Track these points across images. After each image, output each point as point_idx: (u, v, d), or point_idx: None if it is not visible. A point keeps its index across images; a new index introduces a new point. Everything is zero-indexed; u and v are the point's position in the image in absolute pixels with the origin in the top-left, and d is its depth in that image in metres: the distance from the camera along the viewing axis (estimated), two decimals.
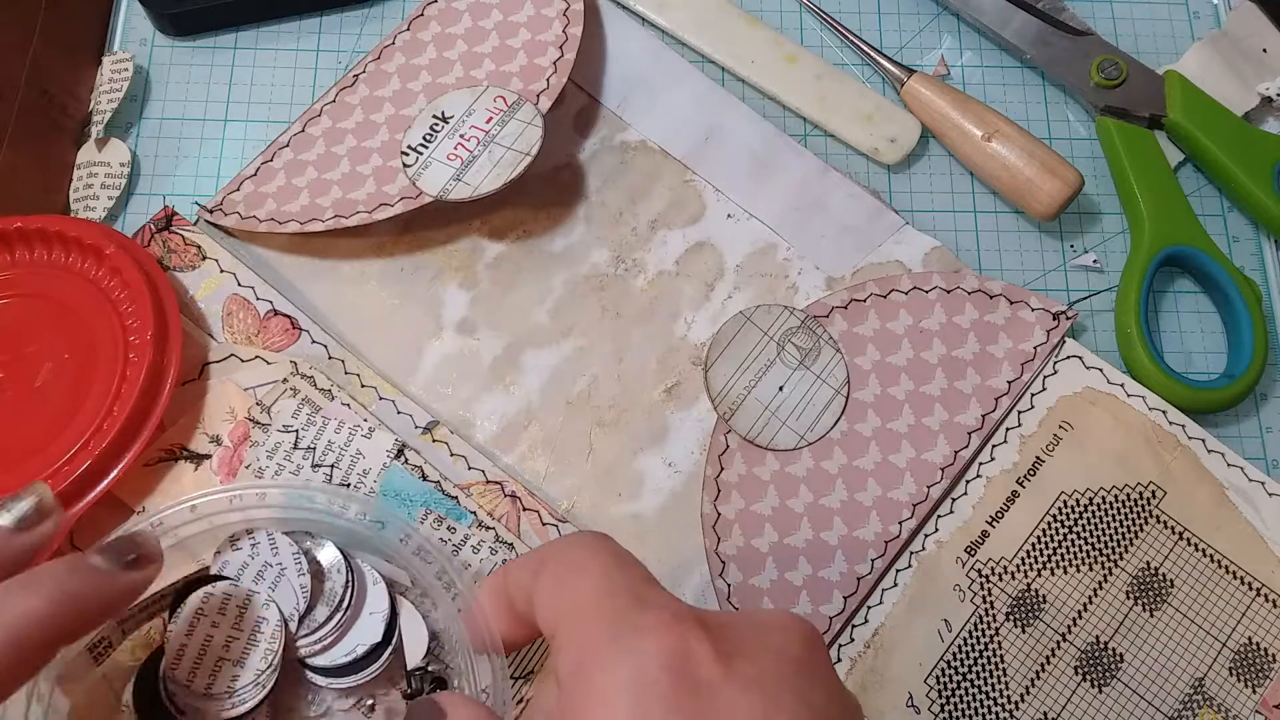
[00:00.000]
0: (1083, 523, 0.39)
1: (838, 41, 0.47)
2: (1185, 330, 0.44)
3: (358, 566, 0.34)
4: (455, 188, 0.40)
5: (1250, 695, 0.37)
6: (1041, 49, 0.46)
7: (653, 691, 0.22)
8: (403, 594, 0.35)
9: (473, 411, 0.40)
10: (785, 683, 0.23)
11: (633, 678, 0.22)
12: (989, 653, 0.38)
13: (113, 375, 0.36)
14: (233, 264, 0.40)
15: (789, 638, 0.24)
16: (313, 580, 0.33)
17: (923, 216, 0.44)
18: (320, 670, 0.33)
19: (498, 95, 0.42)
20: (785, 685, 0.23)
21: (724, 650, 0.23)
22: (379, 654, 0.34)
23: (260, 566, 0.33)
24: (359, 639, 0.33)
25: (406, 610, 0.34)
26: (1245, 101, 0.46)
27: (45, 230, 0.38)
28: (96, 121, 0.43)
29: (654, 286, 0.42)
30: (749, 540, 0.38)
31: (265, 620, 0.33)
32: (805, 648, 0.24)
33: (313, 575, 0.33)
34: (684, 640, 0.22)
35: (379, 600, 0.34)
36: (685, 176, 0.44)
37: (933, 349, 0.41)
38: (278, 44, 0.46)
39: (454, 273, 0.42)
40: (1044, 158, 0.42)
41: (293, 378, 0.38)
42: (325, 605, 0.33)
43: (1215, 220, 0.45)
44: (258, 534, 0.34)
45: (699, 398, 0.40)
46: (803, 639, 0.24)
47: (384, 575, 0.34)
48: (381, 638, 0.34)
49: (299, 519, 0.34)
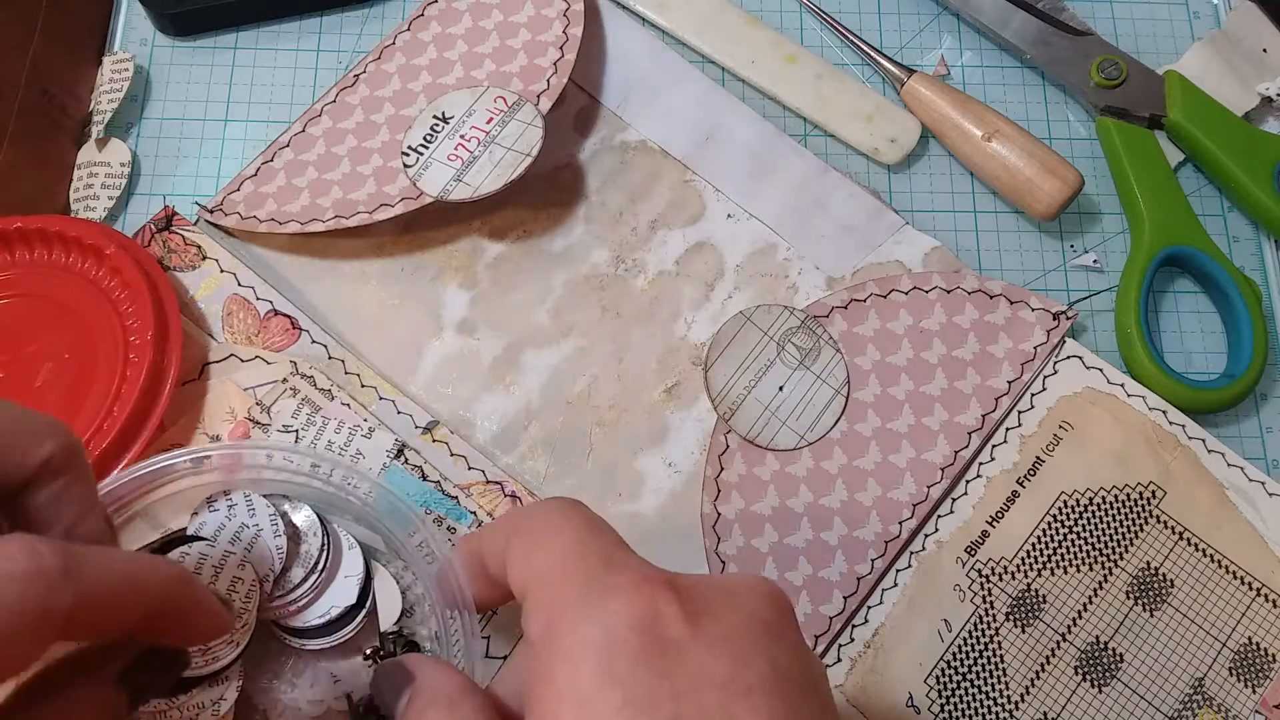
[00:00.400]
0: (1083, 523, 0.39)
1: (838, 41, 0.47)
2: (1185, 330, 0.44)
3: (334, 530, 0.35)
4: (456, 188, 0.40)
5: (1250, 695, 0.37)
6: (1041, 49, 0.46)
7: (621, 650, 0.22)
8: (377, 559, 0.35)
9: (473, 411, 0.40)
10: (753, 642, 0.23)
11: (601, 637, 0.22)
12: (989, 653, 0.38)
13: (113, 375, 0.36)
14: (233, 264, 0.40)
15: (757, 599, 0.24)
16: (289, 543, 0.34)
17: (923, 216, 0.44)
18: (294, 631, 0.34)
19: (498, 96, 0.42)
20: (753, 645, 0.23)
21: (692, 610, 0.23)
22: (353, 616, 0.34)
23: (237, 528, 0.34)
24: (334, 601, 0.34)
25: (381, 575, 0.35)
26: (1245, 101, 0.46)
27: (45, 230, 0.38)
28: (97, 121, 0.43)
29: (654, 286, 0.42)
30: (749, 540, 0.38)
31: (240, 580, 0.33)
32: (773, 609, 0.24)
33: (289, 538, 0.34)
34: (653, 601, 0.23)
35: (354, 564, 0.35)
36: (685, 176, 0.44)
37: (933, 349, 0.41)
38: (278, 44, 0.46)
39: (454, 273, 0.42)
40: (1044, 158, 0.42)
41: (293, 378, 0.38)
42: (301, 567, 0.34)
43: (1215, 220, 0.45)
44: (234, 495, 0.34)
45: (699, 398, 0.40)
46: (771, 601, 0.24)
47: (359, 540, 0.35)
48: (356, 600, 0.34)
49: (279, 481, 0.34)
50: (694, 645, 0.22)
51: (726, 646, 0.22)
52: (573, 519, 0.25)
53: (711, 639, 0.22)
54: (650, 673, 0.21)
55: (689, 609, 0.23)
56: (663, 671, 0.21)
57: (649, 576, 0.23)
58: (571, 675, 0.22)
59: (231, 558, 0.33)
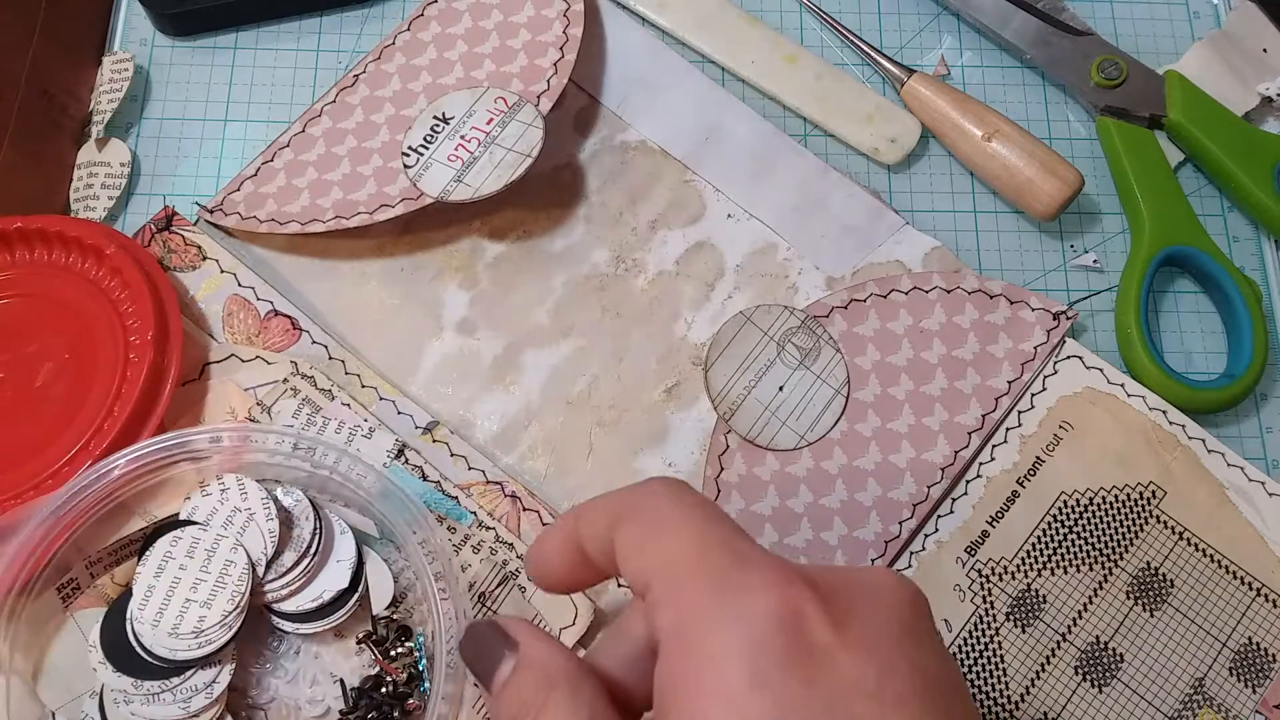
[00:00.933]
0: (1083, 523, 0.39)
1: (838, 41, 0.47)
2: (1185, 330, 0.44)
3: (326, 515, 0.35)
4: (456, 189, 0.40)
5: (1250, 695, 0.37)
6: (1041, 49, 0.46)
7: (767, 655, 0.21)
8: (369, 544, 0.36)
9: (473, 411, 0.40)
10: (898, 647, 0.22)
11: (745, 640, 0.21)
12: (989, 653, 0.38)
13: (113, 376, 0.36)
14: (233, 264, 0.40)
15: (897, 599, 0.23)
16: (281, 527, 0.34)
17: (923, 216, 0.44)
18: (287, 615, 0.34)
19: (498, 96, 0.42)
20: (898, 649, 0.22)
21: (835, 612, 0.22)
22: (345, 600, 0.35)
23: (230, 512, 0.34)
24: (326, 585, 0.34)
25: (373, 560, 0.35)
26: (1245, 101, 0.46)
27: (45, 230, 0.38)
28: (97, 121, 0.43)
29: (654, 286, 0.42)
30: None
31: (233, 564, 0.33)
32: (914, 611, 0.23)
33: (281, 522, 0.34)
34: (794, 601, 0.22)
35: (346, 548, 0.35)
36: (685, 176, 0.44)
37: (933, 349, 0.41)
38: (278, 44, 0.46)
39: (454, 273, 0.42)
40: (1044, 158, 0.42)
41: (293, 378, 0.39)
42: (293, 551, 0.34)
43: (1215, 220, 0.45)
44: (227, 479, 0.34)
45: (699, 398, 0.40)
46: (910, 602, 0.23)
47: (351, 525, 0.35)
48: (348, 584, 0.34)
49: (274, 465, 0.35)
50: (840, 650, 0.21)
51: (872, 651, 0.22)
52: (688, 507, 0.24)
53: (857, 643, 0.22)
54: (799, 679, 0.21)
55: (831, 610, 0.22)
56: (810, 679, 0.21)
57: (786, 574, 0.22)
58: (718, 676, 0.21)
59: (224, 542, 0.33)
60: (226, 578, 0.33)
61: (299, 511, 0.35)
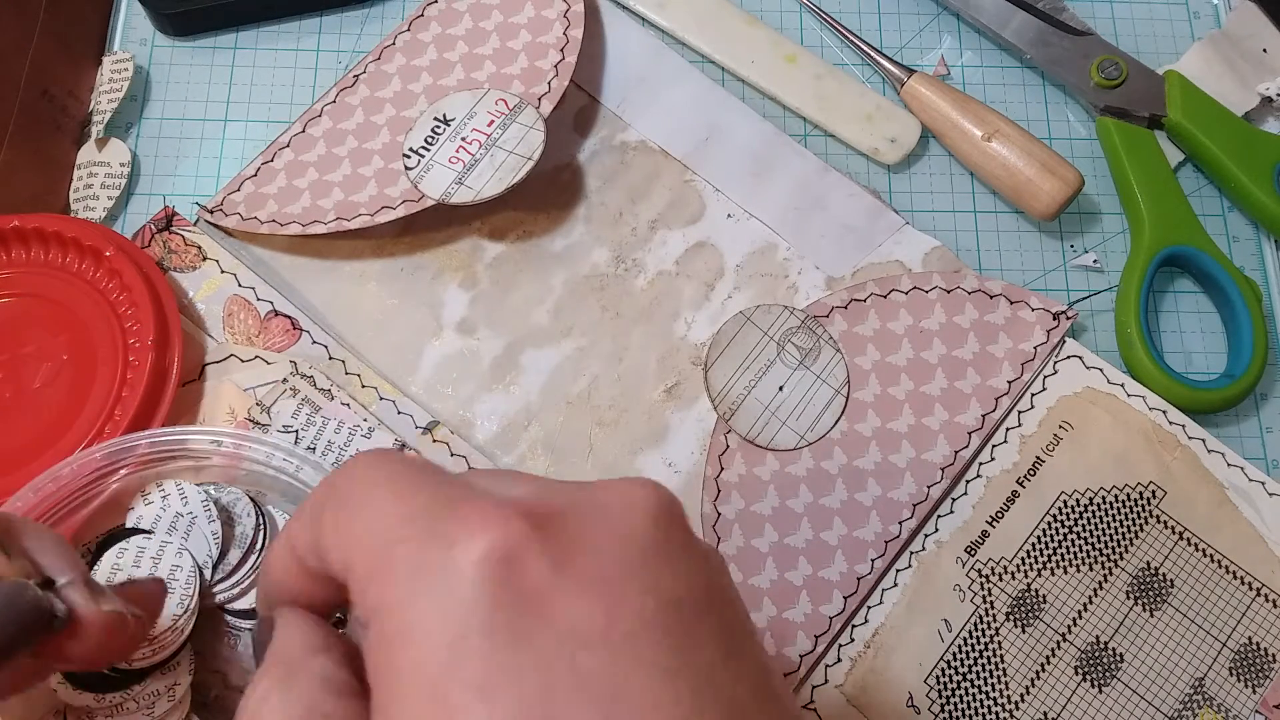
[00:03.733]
0: (1083, 523, 0.39)
1: (838, 41, 0.47)
2: (1185, 330, 0.44)
3: (268, 511, 0.36)
4: (458, 191, 0.40)
5: (1250, 695, 0.37)
6: (1041, 49, 0.46)
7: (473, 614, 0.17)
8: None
9: (473, 411, 0.40)
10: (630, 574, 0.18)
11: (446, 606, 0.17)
12: (989, 653, 0.38)
13: (113, 378, 0.36)
14: (233, 265, 0.40)
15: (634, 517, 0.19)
16: (224, 527, 0.35)
17: (923, 216, 0.44)
18: (240, 614, 0.35)
19: (499, 98, 0.42)
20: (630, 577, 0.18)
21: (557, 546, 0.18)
22: None
23: (172, 517, 0.34)
24: None
25: None
26: (1245, 101, 0.46)
27: (43, 230, 0.38)
28: (96, 121, 0.43)
29: (654, 286, 0.42)
30: (749, 540, 0.38)
31: (180, 568, 0.34)
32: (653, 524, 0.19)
33: (223, 522, 0.35)
34: (506, 542, 0.18)
35: None
36: (685, 176, 0.44)
37: (933, 349, 0.41)
38: (278, 44, 0.46)
39: (454, 273, 0.42)
40: (1044, 158, 0.42)
41: (292, 378, 0.38)
42: (237, 549, 0.35)
43: (1215, 220, 0.45)
44: (166, 485, 0.35)
45: (699, 398, 0.40)
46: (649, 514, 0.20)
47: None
48: None
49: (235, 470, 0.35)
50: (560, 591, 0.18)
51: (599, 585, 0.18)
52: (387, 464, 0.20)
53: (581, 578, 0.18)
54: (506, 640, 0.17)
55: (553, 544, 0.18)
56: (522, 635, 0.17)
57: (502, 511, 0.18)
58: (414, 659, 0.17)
59: (169, 546, 0.34)
60: (174, 582, 0.33)
61: (240, 510, 0.35)
